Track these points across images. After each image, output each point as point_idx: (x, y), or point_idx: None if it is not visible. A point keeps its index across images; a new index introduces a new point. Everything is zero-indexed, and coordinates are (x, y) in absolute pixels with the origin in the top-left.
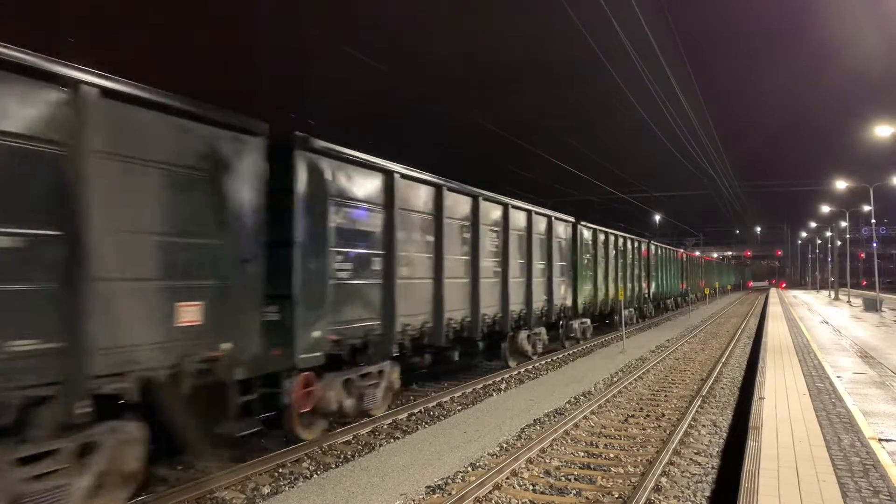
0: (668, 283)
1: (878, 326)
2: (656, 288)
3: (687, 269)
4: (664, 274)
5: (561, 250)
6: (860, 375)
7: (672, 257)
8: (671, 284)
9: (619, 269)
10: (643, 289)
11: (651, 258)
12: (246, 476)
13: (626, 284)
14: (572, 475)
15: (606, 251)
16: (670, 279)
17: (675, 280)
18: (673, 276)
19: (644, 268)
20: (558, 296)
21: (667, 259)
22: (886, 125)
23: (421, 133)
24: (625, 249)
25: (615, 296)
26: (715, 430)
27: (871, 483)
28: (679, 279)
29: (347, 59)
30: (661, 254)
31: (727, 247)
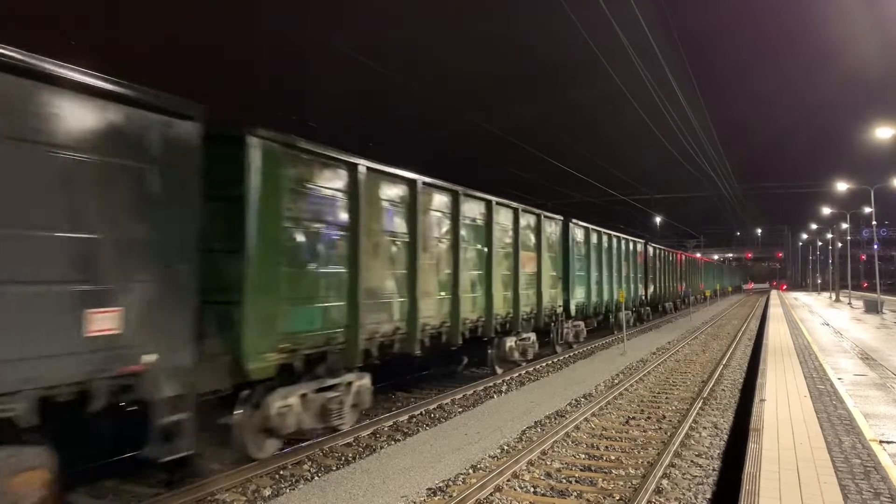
0: (667, 286)
1: (879, 328)
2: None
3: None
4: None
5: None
6: (861, 377)
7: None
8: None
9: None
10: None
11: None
12: (247, 478)
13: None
14: (573, 477)
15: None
16: (668, 281)
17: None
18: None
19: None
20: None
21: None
22: (887, 127)
23: (421, 133)
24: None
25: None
26: (716, 432)
27: (873, 485)
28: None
29: (348, 59)
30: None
31: (728, 249)
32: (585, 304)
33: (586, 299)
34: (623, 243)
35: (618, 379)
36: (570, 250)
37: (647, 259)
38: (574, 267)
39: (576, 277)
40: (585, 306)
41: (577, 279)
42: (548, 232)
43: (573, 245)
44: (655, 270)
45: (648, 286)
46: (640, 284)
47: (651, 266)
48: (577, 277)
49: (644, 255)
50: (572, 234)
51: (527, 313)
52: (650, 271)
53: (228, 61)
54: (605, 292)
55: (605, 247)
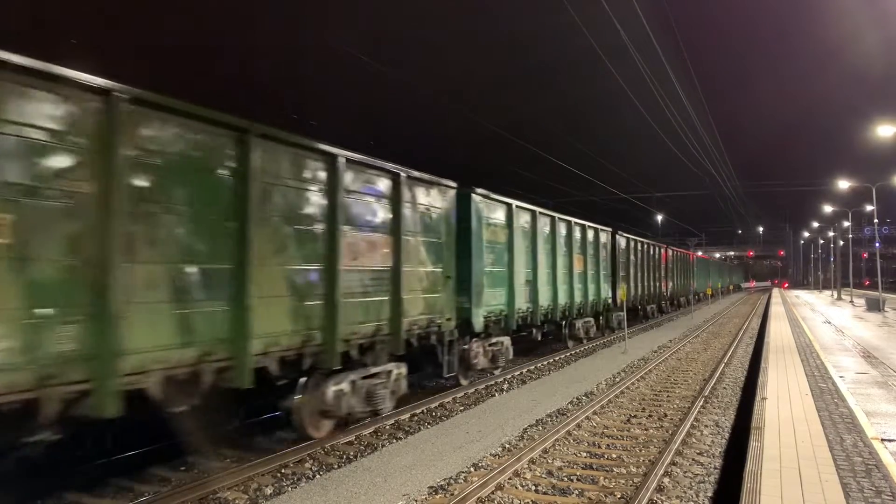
0: (647, 285)
1: (881, 326)
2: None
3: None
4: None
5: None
6: (863, 375)
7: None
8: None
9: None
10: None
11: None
12: (249, 476)
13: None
14: (575, 475)
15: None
16: (649, 281)
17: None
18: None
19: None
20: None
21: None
22: (888, 125)
23: (422, 133)
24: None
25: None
26: (717, 431)
27: (874, 483)
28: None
29: (349, 59)
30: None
31: (729, 247)
32: (505, 312)
33: (507, 306)
34: (578, 231)
35: (619, 377)
36: (474, 236)
37: (615, 253)
38: (481, 261)
39: (485, 276)
40: (505, 316)
41: (488, 278)
42: (421, 205)
43: (479, 228)
44: (631, 267)
45: (619, 286)
46: (604, 284)
47: (625, 262)
48: (490, 276)
49: (611, 248)
50: (477, 212)
51: (370, 334)
52: (621, 268)
53: (228, 59)
54: (547, 295)
55: (546, 234)
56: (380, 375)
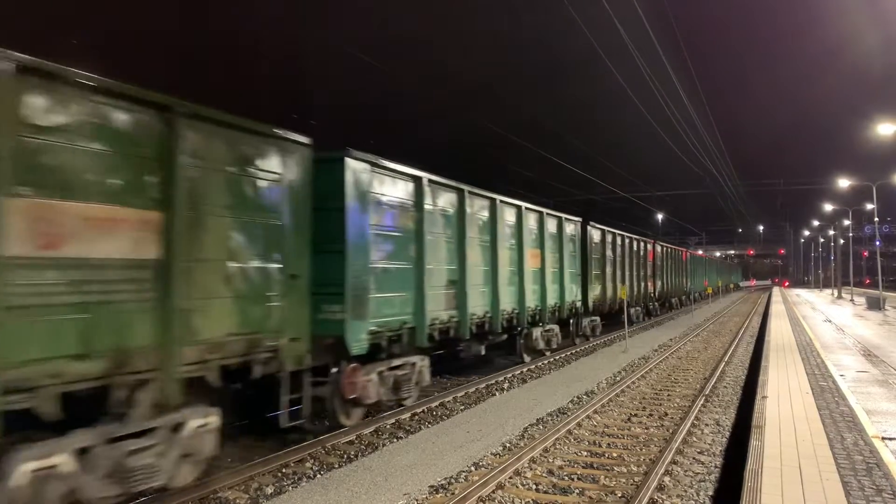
0: (628, 285)
1: (882, 325)
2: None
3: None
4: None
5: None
6: (863, 374)
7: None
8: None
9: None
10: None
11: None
12: (249, 476)
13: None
14: (575, 474)
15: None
16: (632, 279)
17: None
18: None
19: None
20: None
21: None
22: (889, 123)
23: (422, 133)
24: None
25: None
26: (718, 429)
27: (875, 481)
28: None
29: (350, 59)
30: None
31: (730, 245)
32: (410, 324)
33: (415, 315)
34: (534, 220)
35: (620, 376)
36: (351, 219)
37: (587, 248)
38: (364, 254)
39: (373, 275)
40: (409, 330)
41: (378, 278)
42: (232, 169)
43: (361, 208)
44: (608, 264)
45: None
46: (570, 284)
47: (600, 258)
48: (383, 275)
49: (581, 242)
50: (356, 187)
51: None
52: (595, 265)
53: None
54: (483, 299)
55: (483, 222)
56: (152, 435)
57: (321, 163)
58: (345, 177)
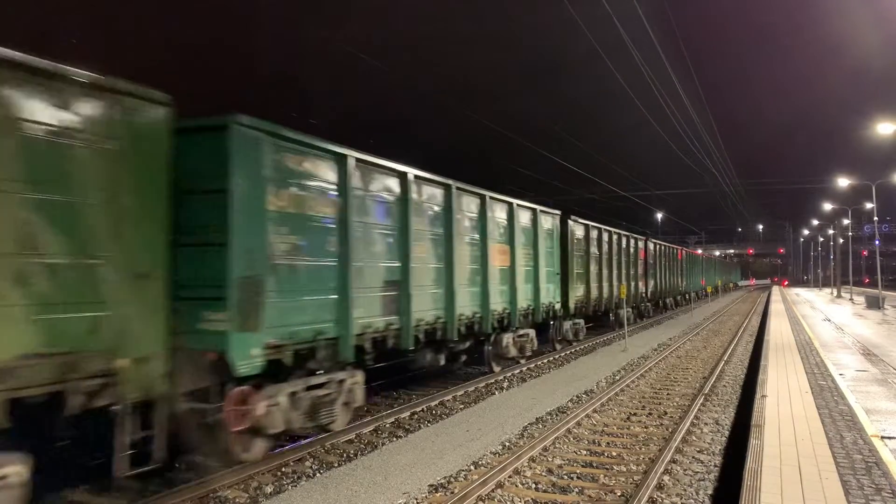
0: (618, 285)
1: (881, 324)
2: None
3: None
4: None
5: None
6: (862, 373)
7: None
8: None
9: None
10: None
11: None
12: (249, 475)
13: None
14: (575, 473)
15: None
16: (622, 279)
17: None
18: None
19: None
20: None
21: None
22: (888, 122)
23: (423, 132)
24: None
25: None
26: (717, 429)
27: (874, 480)
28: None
29: (351, 58)
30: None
31: (729, 245)
32: (328, 336)
33: (337, 323)
34: (502, 211)
35: (619, 375)
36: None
37: (567, 244)
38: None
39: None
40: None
41: (283, 275)
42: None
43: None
44: (593, 263)
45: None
46: (547, 284)
47: (583, 256)
48: (287, 273)
49: (561, 238)
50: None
51: None
52: (578, 264)
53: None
54: (434, 301)
55: (435, 212)
56: None
57: (197, 132)
58: (230, 149)
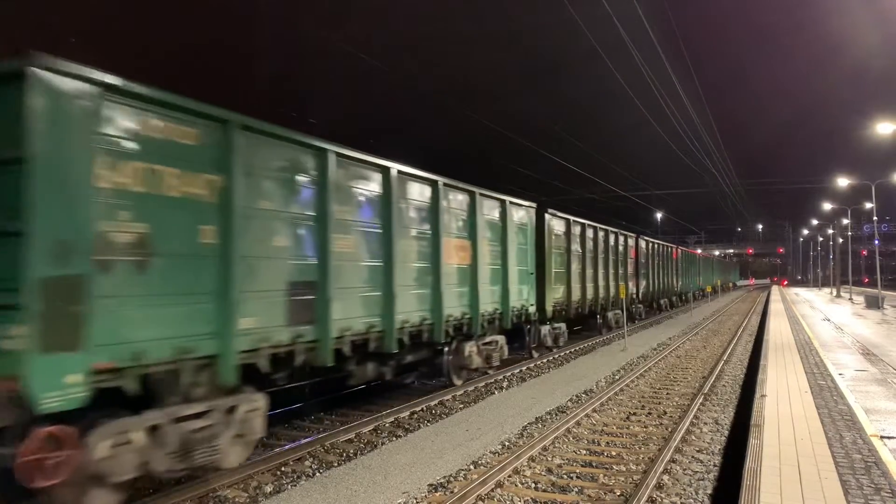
0: (605, 286)
1: (880, 324)
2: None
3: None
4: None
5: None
6: (862, 373)
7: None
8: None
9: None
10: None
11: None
12: (248, 475)
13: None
14: (574, 473)
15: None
16: (609, 279)
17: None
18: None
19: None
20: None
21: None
22: (888, 122)
23: (423, 131)
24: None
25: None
26: (717, 428)
27: (873, 480)
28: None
29: (351, 57)
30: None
31: (729, 244)
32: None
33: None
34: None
35: (619, 375)
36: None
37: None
38: (83, 238)
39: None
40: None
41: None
42: None
43: (72, 152)
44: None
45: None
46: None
47: (563, 254)
48: (120, 274)
49: (536, 234)
50: (65, 116)
51: None
52: (557, 262)
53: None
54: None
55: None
56: None
57: None
58: (28, 105)
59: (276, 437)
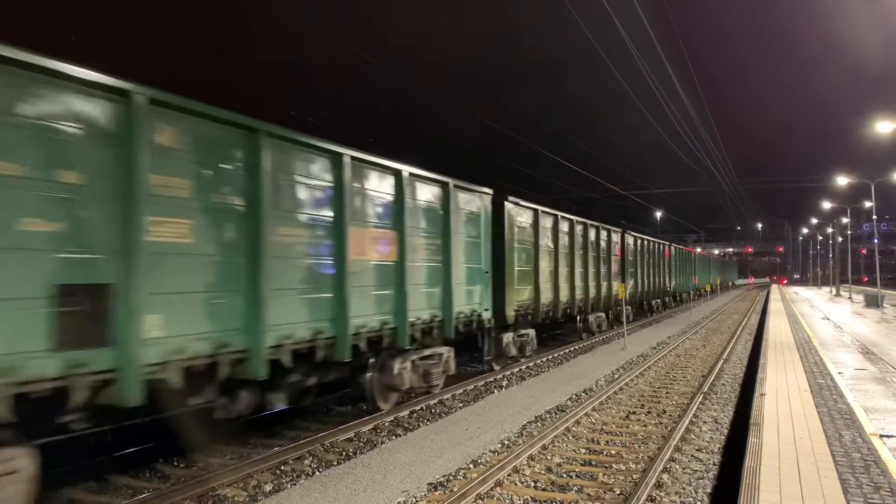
0: (582, 287)
1: (880, 323)
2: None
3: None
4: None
5: None
6: (861, 372)
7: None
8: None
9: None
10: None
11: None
12: (248, 473)
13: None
14: (574, 472)
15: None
16: (588, 279)
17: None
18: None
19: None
20: None
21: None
22: (887, 121)
23: (422, 130)
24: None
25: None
26: (716, 427)
27: (873, 479)
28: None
29: (351, 57)
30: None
31: (728, 243)
32: None
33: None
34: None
35: (618, 374)
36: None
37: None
38: None
39: None
40: None
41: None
42: None
43: None
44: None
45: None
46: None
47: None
48: None
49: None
50: None
51: None
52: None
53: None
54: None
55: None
56: None
57: None
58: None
59: (276, 435)
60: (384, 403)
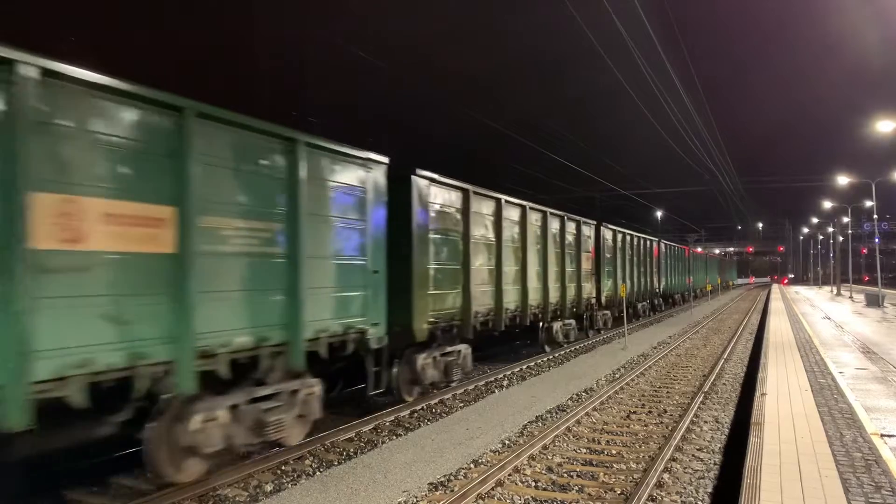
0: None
1: (881, 322)
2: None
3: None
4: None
5: None
6: (862, 371)
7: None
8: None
9: None
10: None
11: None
12: (249, 474)
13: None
14: (574, 471)
15: None
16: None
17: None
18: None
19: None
20: None
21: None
22: (888, 120)
23: (422, 129)
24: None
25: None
26: (717, 427)
27: (874, 478)
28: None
29: (351, 56)
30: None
31: (729, 243)
32: None
33: None
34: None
35: (619, 373)
36: None
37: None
38: None
39: None
40: None
41: None
42: None
43: None
44: (483, 252)
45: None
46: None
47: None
48: None
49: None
50: None
51: None
52: (449, 255)
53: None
54: None
55: None
56: None
57: None
58: None
59: None
60: (408, 396)
